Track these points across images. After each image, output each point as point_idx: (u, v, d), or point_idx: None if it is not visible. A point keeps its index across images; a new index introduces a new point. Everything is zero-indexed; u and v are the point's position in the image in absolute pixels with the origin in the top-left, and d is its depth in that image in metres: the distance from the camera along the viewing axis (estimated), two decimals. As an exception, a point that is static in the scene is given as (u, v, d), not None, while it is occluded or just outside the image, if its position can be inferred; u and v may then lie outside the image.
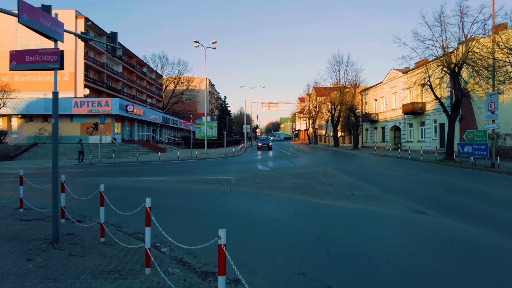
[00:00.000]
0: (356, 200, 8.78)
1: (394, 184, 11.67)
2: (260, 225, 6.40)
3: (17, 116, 33.44)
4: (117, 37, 15.48)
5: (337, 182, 11.96)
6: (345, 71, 44.53)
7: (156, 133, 47.43)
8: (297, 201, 8.72)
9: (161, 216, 7.02)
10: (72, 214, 7.26)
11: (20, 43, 36.56)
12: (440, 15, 19.61)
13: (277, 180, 12.63)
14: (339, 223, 6.60)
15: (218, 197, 9.36)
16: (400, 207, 7.95)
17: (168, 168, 19.05)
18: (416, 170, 16.51)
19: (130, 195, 10.21)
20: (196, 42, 31.91)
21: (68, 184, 12.66)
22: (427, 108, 29.16)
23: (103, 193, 5.59)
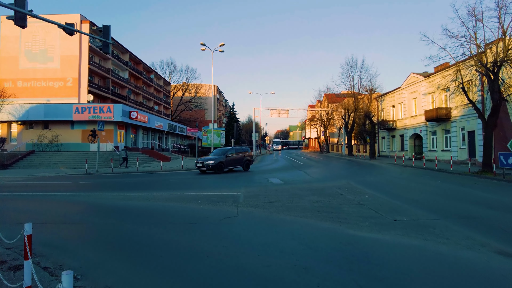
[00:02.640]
0: (404, 231, 6.56)
1: (440, 205, 9.39)
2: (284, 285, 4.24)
3: (17, 123, 32.06)
4: (109, 31, 13.53)
5: (369, 202, 9.73)
6: (360, 76, 42.22)
7: (162, 141, 45.74)
8: (327, 233, 6.52)
9: (127, 265, 4.96)
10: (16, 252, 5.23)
11: (24, 48, 35.50)
12: (474, 8, 17.40)
13: (294, 198, 10.45)
14: (400, 275, 4.40)
15: (220, 225, 7.21)
16: (471, 243, 5.72)
17: (168, 180, 17.02)
18: (453, 184, 14.17)
19: (108, 219, 8.15)
20: (203, 45, 30.23)
21: (43, 201, 10.91)
22: (453, 114, 26.69)
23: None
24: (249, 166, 23.00)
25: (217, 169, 20.53)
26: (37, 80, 35.23)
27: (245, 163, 22.62)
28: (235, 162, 22.08)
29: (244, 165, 22.54)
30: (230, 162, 21.70)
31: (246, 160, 22.80)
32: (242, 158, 22.53)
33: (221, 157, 21.25)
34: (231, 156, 21.78)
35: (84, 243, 6.13)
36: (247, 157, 22.98)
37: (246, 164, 22.73)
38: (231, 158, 21.77)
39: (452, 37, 17.90)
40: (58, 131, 30.94)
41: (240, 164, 22.42)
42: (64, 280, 2.26)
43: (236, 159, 22.12)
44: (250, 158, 23.55)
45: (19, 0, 10.11)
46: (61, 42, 34.70)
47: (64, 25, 11.27)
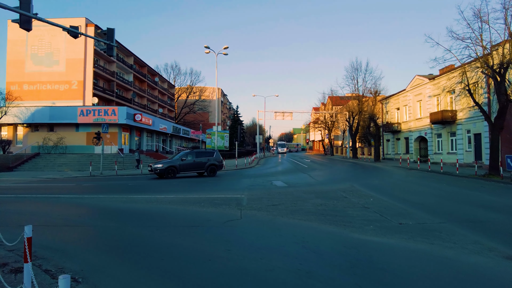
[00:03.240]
0: (410, 235, 6.45)
1: (446, 209, 9.25)
2: (284, 284, 4.17)
3: (22, 125, 32.31)
4: (114, 34, 13.62)
5: (374, 205, 9.61)
6: (364, 79, 42.00)
7: (166, 144, 45.85)
8: (331, 237, 6.43)
9: (129, 269, 4.92)
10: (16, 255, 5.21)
11: (30, 51, 35.85)
12: (479, 10, 17.24)
13: (298, 201, 10.35)
14: (405, 280, 4.30)
15: (223, 228, 7.15)
16: (478, 248, 5.60)
17: (172, 182, 16.99)
18: (459, 188, 13.98)
19: (110, 222, 8.14)
20: (207, 47, 30.33)
21: (46, 203, 10.94)
22: (458, 117, 26.43)
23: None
24: (214, 171, 20.77)
25: (167, 174, 19.00)
26: (43, 83, 35.54)
27: (208, 168, 20.47)
28: (194, 167, 20.19)
29: (208, 170, 20.45)
30: (186, 167, 19.86)
31: (211, 165, 20.58)
32: (205, 163, 20.43)
33: (174, 161, 19.74)
34: (188, 160, 19.94)
35: (86, 246, 6.10)
36: (212, 161, 20.73)
37: (211, 169, 20.56)
38: (188, 163, 19.93)
39: (457, 39, 17.75)
40: (63, 134, 31.14)
41: (202, 169, 20.42)
42: (61, 284, 2.22)
43: (195, 163, 20.18)
44: (218, 162, 21.12)
45: (24, 3, 10.18)
46: (67, 46, 35.01)
47: (69, 28, 11.33)
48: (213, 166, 20.76)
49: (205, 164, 20.51)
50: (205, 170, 20.44)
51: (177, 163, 19.53)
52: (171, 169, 19.23)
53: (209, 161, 20.65)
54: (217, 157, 21.35)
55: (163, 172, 18.97)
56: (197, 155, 20.62)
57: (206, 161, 20.59)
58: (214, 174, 20.73)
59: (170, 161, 19.73)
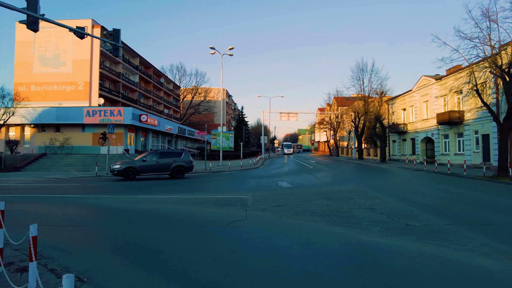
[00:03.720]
0: (417, 236, 6.36)
1: (454, 210, 9.12)
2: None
3: (30, 126, 32.65)
4: (119, 34, 13.68)
5: (380, 206, 9.51)
6: (370, 79, 41.69)
7: (172, 144, 46.03)
8: (337, 238, 6.36)
9: (133, 269, 4.90)
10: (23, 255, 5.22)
11: (38, 53, 36.24)
12: (488, 9, 17.03)
13: (303, 202, 10.29)
14: (413, 283, 4.22)
15: (228, 229, 7.11)
16: (488, 250, 5.49)
17: (177, 183, 17.02)
18: (467, 189, 13.80)
19: (115, 222, 8.16)
20: (212, 48, 30.36)
21: (52, 203, 10.97)
22: (466, 118, 26.13)
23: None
24: (182, 173, 19.53)
25: (125, 175, 18.17)
26: (50, 84, 35.91)
27: (175, 169, 19.26)
28: (157, 168, 19.09)
29: (173, 172, 19.25)
30: (148, 168, 18.84)
31: (177, 166, 19.33)
32: (170, 164, 19.25)
33: (135, 161, 18.87)
34: (150, 161, 18.96)
35: (91, 246, 6.11)
36: (179, 162, 19.47)
37: (177, 171, 19.34)
38: (150, 164, 18.89)
39: (465, 39, 17.58)
40: (69, 134, 31.40)
41: (167, 171, 19.28)
42: (65, 283, 2.20)
43: (158, 164, 19.06)
44: (186, 164, 19.72)
45: (32, 4, 10.27)
46: (73, 47, 35.34)
47: (75, 28, 11.40)
48: (180, 167, 19.50)
49: (171, 165, 19.31)
50: (171, 172, 19.28)
51: (137, 164, 18.60)
52: (129, 171, 18.29)
53: (175, 162, 19.41)
54: (186, 158, 19.99)
55: (121, 173, 18.09)
56: (161, 156, 19.55)
57: (171, 162, 19.37)
58: (181, 176, 19.49)
59: (130, 162, 18.90)
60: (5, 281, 4.08)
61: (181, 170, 19.56)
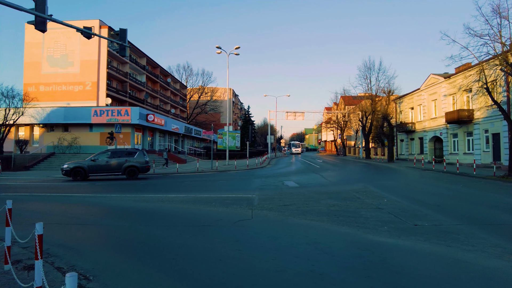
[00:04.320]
0: (426, 236, 6.25)
1: (463, 210, 8.96)
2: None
3: (38, 125, 33.08)
4: (126, 34, 13.75)
5: (388, 206, 9.39)
6: (377, 78, 41.38)
7: (178, 144, 46.22)
8: (344, 238, 6.28)
9: (139, 268, 4.90)
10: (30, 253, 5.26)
11: (46, 53, 36.67)
12: (498, 5, 16.71)
13: (310, 201, 10.21)
14: (422, 284, 4.13)
15: (234, 228, 7.08)
16: (499, 251, 5.36)
17: (183, 182, 17.07)
18: (477, 189, 13.57)
19: (122, 221, 8.19)
20: (219, 48, 30.39)
21: (59, 202, 11.06)
22: (475, 116, 25.73)
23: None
24: (135, 173, 18.71)
25: (73, 175, 17.77)
26: (58, 84, 36.31)
27: (127, 169, 18.56)
28: (108, 168, 18.49)
29: (126, 172, 18.58)
30: (98, 168, 18.32)
31: (129, 166, 18.58)
32: (122, 164, 18.53)
33: (83, 161, 18.45)
34: (100, 161, 18.39)
35: (98, 244, 6.13)
36: (132, 163, 18.69)
37: (129, 171, 18.60)
38: (100, 164, 18.34)
39: (475, 36, 17.24)
40: (77, 134, 31.73)
41: (119, 171, 18.61)
42: (68, 282, 2.18)
43: (108, 164, 18.45)
44: (139, 164, 18.82)
45: (40, 5, 10.36)
46: (81, 47, 35.67)
47: (82, 29, 11.48)
48: (133, 168, 18.72)
49: (122, 165, 18.63)
50: (123, 172, 18.63)
51: (86, 164, 18.12)
52: (77, 171, 17.86)
53: (127, 162, 18.68)
54: (139, 158, 19.07)
55: (68, 173, 17.71)
56: (112, 156, 18.83)
57: (123, 162, 18.68)
58: (134, 176, 18.69)
59: (79, 162, 18.52)
60: (12, 279, 4.11)
61: (134, 170, 18.71)
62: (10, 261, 4.56)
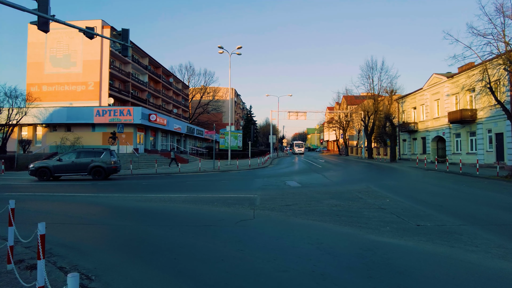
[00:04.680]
0: (429, 237, 6.22)
1: (467, 211, 8.91)
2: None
3: (41, 125, 33.21)
4: (128, 34, 13.78)
5: (390, 206, 9.36)
6: (379, 78, 41.27)
7: (181, 143, 46.28)
8: (347, 238, 6.26)
9: (141, 268, 4.90)
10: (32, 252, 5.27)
11: (49, 54, 36.79)
12: (502, 5, 16.63)
13: (312, 201, 10.20)
14: (424, 285, 4.11)
15: (236, 228, 7.08)
16: (503, 252, 5.32)
17: (186, 182, 17.09)
18: (480, 189, 13.51)
19: (124, 221, 8.21)
20: (221, 47, 30.40)
21: (62, 202, 11.05)
22: (479, 116, 25.61)
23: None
24: (101, 174, 18.33)
25: (38, 175, 17.65)
26: (61, 84, 36.42)
27: (93, 170, 18.21)
28: (73, 168, 18.17)
29: (92, 172, 18.25)
30: (63, 168, 18.04)
31: (95, 166, 18.22)
32: (88, 164, 18.18)
33: (49, 161, 18.31)
34: (66, 160, 18.16)
35: (100, 244, 6.15)
36: (98, 163, 18.30)
37: (95, 172, 18.24)
38: (66, 164, 18.07)
39: (478, 35, 17.21)
40: (80, 134, 31.82)
41: (84, 171, 18.27)
42: (70, 282, 2.17)
43: (74, 164, 18.15)
44: (105, 164, 18.40)
45: (42, 5, 10.40)
46: (84, 48, 35.77)
47: (85, 29, 11.51)
48: (98, 168, 18.30)
49: (88, 165, 18.26)
50: (89, 172, 18.29)
51: (51, 164, 17.94)
52: (42, 171, 17.71)
53: (93, 162, 18.30)
54: (106, 158, 18.59)
55: (34, 173, 17.58)
56: (79, 155, 18.57)
57: (89, 162, 18.31)
58: (100, 177, 18.30)
59: (44, 162, 18.32)
60: (15, 278, 4.13)
61: (100, 171, 18.32)
62: (12, 261, 4.57)
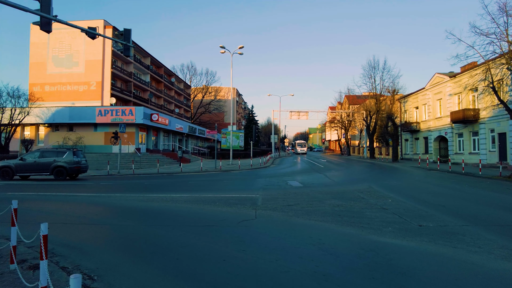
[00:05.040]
0: (431, 237, 6.20)
1: (469, 211, 8.87)
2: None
3: (44, 125, 33.32)
4: (130, 34, 13.81)
5: (392, 206, 9.34)
6: (381, 77, 41.12)
7: (183, 143, 46.32)
8: (349, 238, 6.25)
9: (143, 268, 4.91)
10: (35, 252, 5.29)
11: (51, 54, 36.91)
12: (505, 4, 16.54)
13: (314, 201, 10.18)
14: (427, 286, 4.10)
15: (237, 228, 7.08)
16: (506, 253, 5.29)
17: (187, 182, 17.11)
18: (483, 189, 13.45)
19: (126, 221, 8.22)
20: (223, 47, 30.41)
21: (65, 202, 11.01)
22: (481, 116, 25.50)
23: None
24: (62, 174, 18.17)
25: (1, 175, 17.70)
26: (63, 84, 36.54)
27: (55, 170, 18.07)
28: (35, 168, 18.13)
29: (53, 172, 18.09)
30: (26, 168, 18.06)
31: (57, 166, 18.09)
32: (50, 164, 18.07)
33: (11, 160, 18.38)
34: (28, 160, 18.13)
35: (102, 244, 6.16)
36: (60, 163, 18.17)
37: (57, 172, 18.08)
38: (28, 163, 18.06)
39: (481, 35, 17.11)
40: (82, 133, 31.92)
41: (47, 171, 18.17)
42: (72, 283, 2.18)
43: (36, 164, 18.11)
44: (67, 164, 18.16)
45: (45, 6, 10.42)
46: (86, 48, 35.86)
47: (87, 29, 11.54)
48: (60, 168, 18.13)
49: (50, 165, 18.12)
50: (50, 172, 18.14)
51: (13, 163, 17.89)
52: (4, 170, 17.75)
53: (55, 162, 18.14)
54: (68, 158, 18.36)
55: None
56: (42, 155, 18.49)
57: (51, 161, 18.18)
58: (62, 177, 18.14)
59: (6, 161, 18.34)
60: (18, 278, 4.14)
61: (61, 171, 18.16)
62: (15, 261, 4.59)
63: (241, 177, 19.56)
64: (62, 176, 18.25)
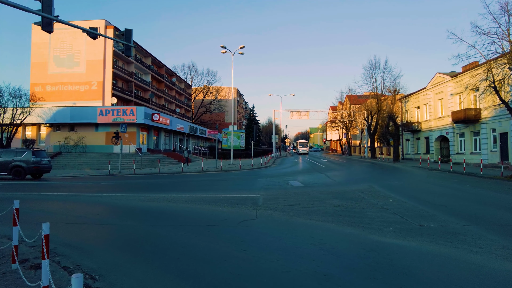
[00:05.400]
0: (432, 237, 6.19)
1: (471, 211, 8.86)
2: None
3: (45, 125, 33.40)
4: (131, 34, 13.81)
5: (393, 206, 9.33)
6: (383, 77, 41.04)
7: (183, 143, 46.36)
8: (350, 238, 6.25)
9: (145, 268, 4.92)
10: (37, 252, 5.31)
11: (53, 54, 36.97)
12: (506, 3, 16.50)
13: (315, 201, 10.18)
14: (428, 286, 4.09)
15: (238, 228, 7.08)
16: (508, 253, 5.28)
17: (189, 182, 17.12)
18: (484, 189, 13.42)
19: (127, 221, 8.24)
20: (224, 47, 30.40)
21: (66, 201, 11.05)
22: (483, 115, 25.45)
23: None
24: (20, 173, 17.95)
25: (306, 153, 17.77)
26: (64, 84, 36.60)
27: (13, 169, 17.90)
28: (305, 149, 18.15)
29: (11, 172, 17.96)
30: None
31: (15, 166, 17.89)
32: (8, 163, 17.88)
33: (307, 146, 18.39)
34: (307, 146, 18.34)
35: (104, 244, 6.17)
36: (18, 162, 17.93)
37: (15, 171, 17.93)
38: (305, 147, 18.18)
39: (482, 34, 17.07)
40: (83, 133, 31.98)
41: (5, 171, 18.03)
42: (74, 283, 2.19)
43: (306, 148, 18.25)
44: (25, 164, 17.98)
45: (46, 6, 10.44)
46: (87, 48, 35.91)
47: (88, 29, 11.56)
48: (18, 168, 17.97)
49: (9, 164, 17.90)
50: (9, 172, 17.99)
51: (307, 147, 18.03)
52: (307, 151, 17.92)
53: (13, 162, 17.92)
54: (27, 157, 18.13)
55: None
56: (0, 155, 18.35)
57: (10, 161, 17.95)
58: (20, 177, 18.01)
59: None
60: (20, 278, 4.16)
61: (19, 171, 17.99)
62: (17, 260, 4.60)
63: (242, 177, 19.57)
64: (20, 176, 17.97)
